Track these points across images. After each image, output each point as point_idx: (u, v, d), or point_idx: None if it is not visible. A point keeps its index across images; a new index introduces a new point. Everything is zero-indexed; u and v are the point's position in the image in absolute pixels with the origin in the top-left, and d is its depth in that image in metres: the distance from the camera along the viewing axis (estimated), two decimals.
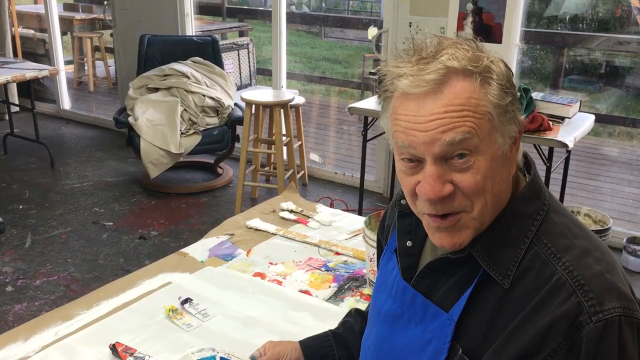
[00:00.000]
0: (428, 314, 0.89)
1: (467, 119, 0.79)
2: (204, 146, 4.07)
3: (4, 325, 2.66)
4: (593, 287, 0.76)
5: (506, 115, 0.82)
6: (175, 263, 1.67)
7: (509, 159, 0.84)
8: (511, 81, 0.84)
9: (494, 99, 0.80)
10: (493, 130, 0.81)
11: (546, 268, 0.79)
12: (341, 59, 9.60)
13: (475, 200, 0.82)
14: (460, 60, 0.80)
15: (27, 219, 3.73)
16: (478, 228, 0.84)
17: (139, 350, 1.28)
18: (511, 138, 0.83)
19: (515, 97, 0.84)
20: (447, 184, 0.81)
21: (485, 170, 0.81)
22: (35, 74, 4.44)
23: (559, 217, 0.85)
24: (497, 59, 0.84)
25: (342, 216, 2.00)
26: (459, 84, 0.80)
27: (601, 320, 0.74)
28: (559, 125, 3.00)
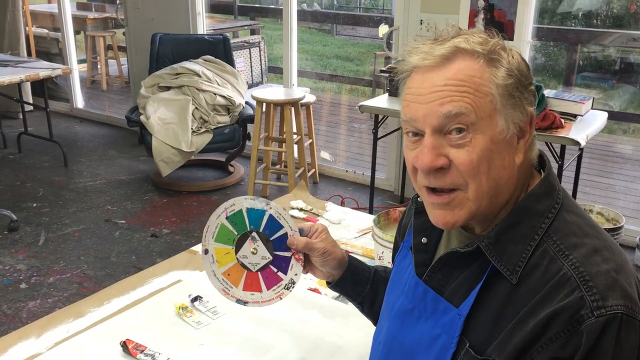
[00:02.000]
0: (438, 309, 0.90)
1: (466, 95, 0.81)
2: (215, 144, 4.09)
3: (17, 322, 2.69)
4: (597, 283, 0.76)
5: (510, 99, 0.82)
6: (186, 261, 1.68)
7: (514, 147, 0.85)
8: (523, 72, 0.85)
9: (498, 81, 0.82)
10: (494, 112, 0.82)
11: (553, 264, 0.80)
12: (353, 57, 9.59)
13: (469, 179, 0.83)
14: (471, 43, 0.83)
15: (40, 217, 3.77)
16: (473, 212, 0.85)
17: (149, 347, 1.29)
18: (515, 125, 0.83)
19: (524, 86, 0.84)
20: (442, 157, 0.83)
21: (482, 151, 0.81)
22: (48, 73, 4.48)
23: (571, 216, 0.85)
24: (513, 50, 0.86)
25: (352, 214, 2.00)
26: (464, 62, 0.82)
27: (603, 316, 0.74)
28: (571, 122, 2.97)
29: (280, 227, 1.09)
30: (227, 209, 1.07)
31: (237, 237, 1.07)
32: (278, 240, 1.08)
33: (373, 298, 1.16)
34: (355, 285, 1.15)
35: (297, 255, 1.09)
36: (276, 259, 1.08)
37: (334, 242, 1.14)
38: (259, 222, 1.08)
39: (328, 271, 1.13)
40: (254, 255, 1.07)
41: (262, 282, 1.06)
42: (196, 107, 4.11)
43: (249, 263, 1.06)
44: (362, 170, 4.48)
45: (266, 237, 1.08)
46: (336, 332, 1.36)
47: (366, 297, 1.16)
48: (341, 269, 1.14)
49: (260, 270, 1.07)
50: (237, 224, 1.07)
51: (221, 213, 1.07)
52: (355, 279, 1.15)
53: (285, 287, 1.07)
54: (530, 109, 0.85)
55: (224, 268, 1.06)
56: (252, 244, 1.07)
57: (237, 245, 1.06)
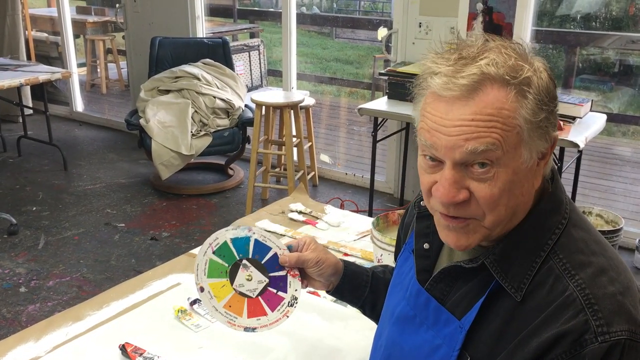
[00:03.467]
0: (440, 319, 0.89)
1: (494, 130, 0.77)
2: (214, 147, 4.09)
3: (17, 325, 2.69)
4: (603, 307, 0.76)
5: (537, 131, 0.79)
6: (185, 264, 1.68)
7: (534, 173, 0.83)
8: (552, 94, 0.81)
9: (527, 114, 0.78)
10: (520, 144, 0.79)
11: (559, 283, 0.79)
12: (352, 60, 9.61)
13: (488, 211, 0.81)
14: (499, 68, 0.78)
15: (40, 221, 3.77)
16: (487, 235, 0.84)
17: (148, 350, 1.29)
18: (539, 153, 0.81)
19: (552, 113, 0.81)
20: (463, 190, 0.80)
21: (504, 184, 0.79)
22: (48, 77, 4.48)
23: (578, 231, 0.84)
24: (541, 69, 0.81)
25: (351, 217, 2.00)
26: (492, 92, 0.77)
27: (607, 342, 0.74)
28: (570, 125, 2.98)
29: (269, 248, 1.08)
30: (212, 244, 1.07)
31: (229, 268, 1.06)
32: (270, 262, 1.08)
33: (374, 300, 1.15)
34: (355, 290, 1.15)
35: (292, 272, 1.09)
36: (273, 280, 1.08)
37: (325, 249, 1.14)
38: (246, 249, 1.07)
39: (325, 280, 1.12)
40: (250, 282, 1.07)
41: (264, 305, 1.06)
42: (196, 110, 4.12)
43: (247, 290, 1.06)
44: (362, 172, 4.48)
45: (257, 261, 1.07)
46: (335, 335, 1.36)
47: (367, 300, 1.15)
48: (338, 276, 1.13)
49: (260, 294, 1.06)
50: (226, 256, 1.07)
51: (207, 249, 1.07)
52: (353, 284, 1.14)
53: (289, 305, 1.07)
54: (555, 134, 0.83)
55: (224, 301, 1.05)
56: (245, 271, 1.06)
57: (231, 276, 1.06)
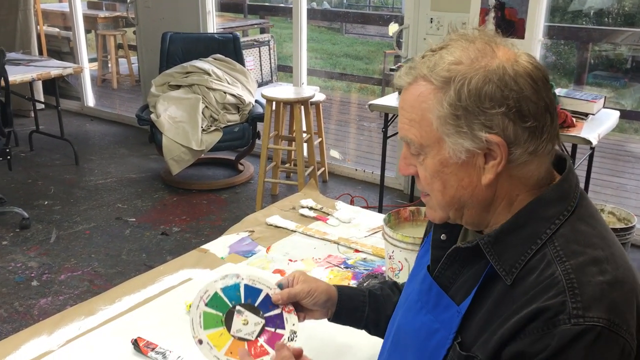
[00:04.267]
0: (440, 304, 0.91)
1: (413, 124, 0.86)
2: (225, 143, 4.10)
3: (29, 319, 2.71)
4: (584, 292, 0.76)
5: (452, 127, 0.83)
6: (196, 259, 1.68)
7: (479, 168, 0.84)
8: (482, 98, 0.80)
9: (442, 112, 0.83)
10: (441, 139, 0.84)
11: (548, 268, 0.79)
12: (362, 55, 9.58)
13: (428, 192, 0.91)
14: (432, 67, 0.84)
15: (52, 215, 3.79)
16: (445, 217, 0.91)
17: (160, 345, 1.30)
18: (468, 151, 0.83)
19: (477, 112, 0.80)
20: (411, 166, 0.91)
21: (432, 172, 0.87)
22: (59, 72, 4.51)
23: (581, 225, 0.84)
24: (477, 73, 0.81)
25: (362, 213, 2.00)
26: (419, 88, 0.85)
27: (579, 325, 0.74)
28: (582, 121, 2.96)
29: (259, 290, 1.10)
30: (203, 297, 1.09)
31: (224, 316, 1.08)
32: (263, 303, 1.10)
33: (377, 319, 1.16)
34: (353, 312, 1.15)
35: (286, 308, 1.11)
36: (269, 320, 1.09)
37: (315, 279, 1.15)
38: (237, 295, 1.09)
39: (322, 307, 1.13)
40: (246, 326, 1.08)
41: (265, 345, 1.07)
42: (206, 105, 4.12)
43: (246, 334, 1.07)
44: (372, 168, 4.47)
45: (251, 305, 1.09)
46: (346, 331, 1.36)
47: (369, 319, 1.16)
48: (333, 302, 1.13)
49: (259, 335, 1.08)
50: (219, 306, 1.09)
51: (199, 303, 1.08)
52: (350, 307, 1.15)
53: (289, 340, 1.08)
54: (489, 135, 0.81)
55: (225, 348, 1.07)
56: (240, 316, 1.08)
57: (227, 323, 1.08)
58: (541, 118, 0.82)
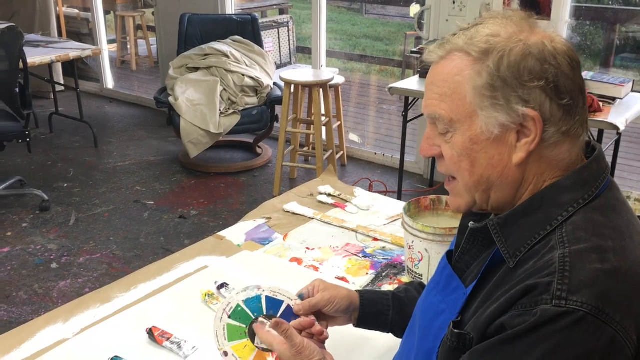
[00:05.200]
0: (450, 285, 0.91)
1: (444, 98, 0.84)
2: (243, 126, 4.07)
3: (48, 301, 2.73)
4: (574, 276, 0.73)
5: (488, 100, 0.81)
6: (212, 246, 1.66)
7: (511, 146, 0.82)
8: (520, 69, 0.79)
9: (479, 84, 0.81)
10: (474, 114, 0.82)
11: (549, 253, 0.78)
12: (382, 37, 9.46)
13: (455, 173, 0.87)
14: (470, 40, 0.83)
15: (71, 197, 3.81)
16: (471, 202, 0.88)
17: (175, 335, 1.28)
18: (502, 126, 0.81)
19: (515, 85, 0.79)
20: (435, 146, 0.88)
21: (461, 149, 0.84)
22: (78, 54, 4.50)
23: (597, 215, 0.80)
24: (517, 46, 0.80)
25: (381, 201, 1.96)
26: (454, 61, 0.84)
27: (560, 307, 0.71)
28: (609, 106, 2.87)
29: (281, 302, 1.12)
30: (226, 309, 1.10)
31: (247, 328, 1.09)
32: (285, 314, 1.11)
33: (402, 322, 1.13)
34: (378, 316, 1.14)
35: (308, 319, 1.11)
36: None
37: (335, 285, 1.14)
38: (259, 307, 1.11)
39: (344, 314, 1.13)
40: None
41: None
42: (224, 88, 4.09)
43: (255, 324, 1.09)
44: (391, 152, 4.42)
45: (273, 316, 1.10)
46: None
47: (394, 323, 1.15)
48: (355, 306, 1.13)
49: None
50: (241, 318, 1.10)
51: (222, 315, 1.10)
52: (374, 311, 1.14)
53: None
54: (526, 109, 0.80)
55: (250, 359, 1.08)
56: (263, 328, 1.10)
57: (250, 335, 1.09)
58: (576, 98, 0.82)
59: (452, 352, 0.84)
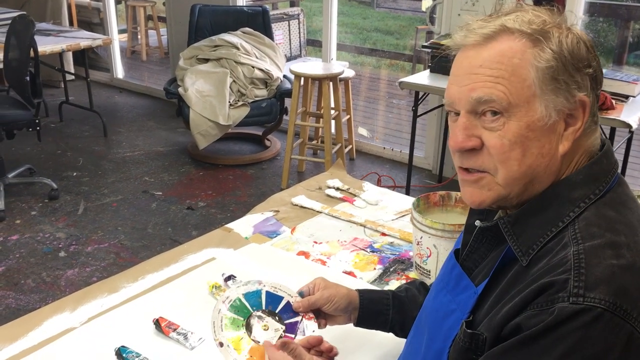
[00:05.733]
0: (460, 285, 0.90)
1: (500, 80, 0.79)
2: (252, 118, 4.06)
3: (56, 289, 2.74)
4: (590, 273, 0.72)
5: (551, 84, 0.78)
6: (220, 238, 1.66)
7: (559, 135, 0.81)
8: (576, 54, 0.80)
9: (541, 66, 0.78)
10: (533, 97, 0.79)
11: (563, 250, 0.77)
12: (393, 30, 9.42)
13: (499, 164, 0.81)
14: (521, 21, 0.80)
15: (80, 186, 3.82)
16: (503, 196, 0.83)
17: (182, 326, 1.28)
18: (559, 112, 0.79)
19: (574, 70, 0.79)
20: (474, 137, 0.82)
21: (515, 137, 0.79)
22: (89, 43, 4.51)
23: (608, 210, 0.80)
24: (572, 29, 0.82)
25: (390, 196, 1.95)
26: (507, 42, 0.79)
27: (577, 304, 0.70)
28: (622, 104, 2.84)
29: (280, 298, 1.12)
30: (225, 301, 1.11)
31: (245, 321, 1.10)
32: (284, 310, 1.12)
33: (402, 322, 1.14)
34: (377, 316, 1.14)
35: (307, 316, 1.12)
36: (289, 327, 1.11)
37: (335, 284, 1.14)
38: (259, 302, 1.12)
39: (344, 312, 1.13)
40: (267, 331, 1.10)
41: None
42: (234, 80, 4.08)
43: (265, 339, 1.09)
44: (400, 147, 4.40)
45: (272, 311, 1.12)
46: None
47: (394, 322, 1.15)
48: (355, 306, 1.13)
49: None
50: (240, 311, 1.11)
51: (221, 307, 1.10)
52: (373, 310, 1.14)
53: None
54: (581, 94, 0.80)
55: (245, 352, 1.08)
56: (261, 322, 1.10)
57: (248, 328, 1.10)
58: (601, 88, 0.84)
59: (465, 352, 0.83)
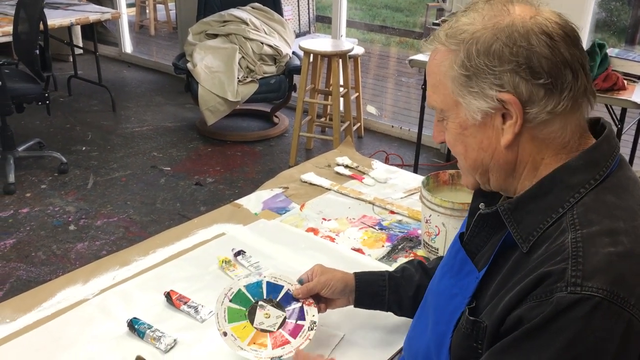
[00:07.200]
0: (463, 270, 0.92)
1: (434, 88, 0.88)
2: (260, 95, 4.05)
3: (66, 262, 2.78)
4: (588, 261, 0.73)
5: (464, 89, 0.83)
6: (230, 214, 1.67)
7: (497, 130, 0.83)
8: (493, 56, 0.80)
9: (454, 74, 0.83)
10: (457, 102, 0.85)
11: (561, 236, 0.77)
12: (403, 7, 9.32)
13: (456, 156, 0.91)
14: (446, 30, 0.85)
15: (89, 161, 3.84)
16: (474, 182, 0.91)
17: (192, 299, 1.30)
18: (483, 112, 0.82)
19: (487, 71, 0.80)
20: (442, 132, 0.91)
21: (454, 135, 0.88)
22: (98, 17, 4.49)
23: (608, 195, 0.80)
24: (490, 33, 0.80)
25: (398, 174, 1.95)
26: (438, 54, 0.86)
27: (576, 294, 0.71)
28: (634, 84, 2.82)
29: (281, 287, 1.20)
30: (227, 294, 1.17)
31: (247, 311, 1.16)
32: (284, 298, 1.19)
33: (398, 300, 1.19)
34: (374, 297, 1.19)
35: (306, 302, 1.19)
36: (290, 313, 1.17)
37: (331, 269, 1.21)
38: (260, 292, 1.19)
39: (340, 295, 1.19)
40: (268, 319, 1.15)
41: (287, 335, 1.14)
42: (243, 56, 4.07)
43: (268, 326, 1.14)
44: (409, 126, 4.39)
45: (272, 300, 1.18)
46: None
47: (390, 302, 1.19)
48: (351, 288, 1.19)
49: (280, 327, 1.15)
50: (242, 301, 1.17)
51: (223, 299, 1.16)
52: (370, 292, 1.19)
53: (309, 329, 1.15)
54: (502, 93, 0.80)
55: (248, 339, 1.13)
56: (263, 310, 1.16)
57: (250, 317, 1.15)
58: (558, 75, 0.79)
59: (467, 338, 0.85)
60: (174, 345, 1.18)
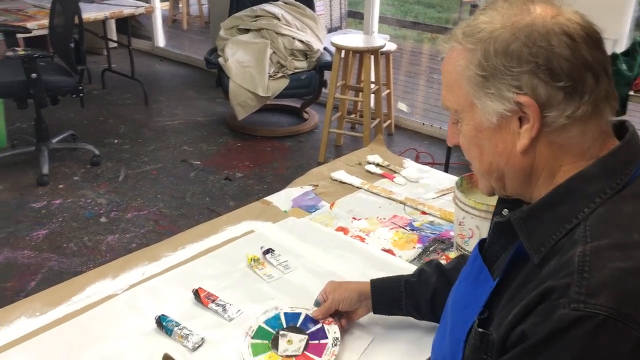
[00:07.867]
0: (479, 278, 0.90)
1: (450, 89, 0.85)
2: (291, 90, 4.04)
3: (97, 254, 2.81)
4: (593, 277, 0.69)
5: (481, 90, 0.80)
6: (259, 211, 1.66)
7: (514, 133, 0.80)
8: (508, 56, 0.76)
9: (469, 73, 0.80)
10: (473, 103, 0.82)
11: (571, 248, 0.73)
12: (435, 3, 9.20)
13: (470, 160, 0.88)
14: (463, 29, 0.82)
15: (121, 154, 3.88)
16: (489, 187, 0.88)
17: (220, 297, 1.29)
18: (499, 115, 0.79)
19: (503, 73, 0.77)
20: (457, 135, 0.88)
21: (468, 138, 0.85)
22: (132, 11, 4.53)
23: (626, 205, 0.75)
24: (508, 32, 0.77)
25: (430, 173, 1.92)
26: (454, 53, 0.83)
27: (578, 310, 0.67)
28: None
29: (299, 314, 1.23)
30: (248, 332, 1.19)
31: (270, 343, 1.17)
32: (304, 323, 1.21)
33: (415, 306, 1.18)
34: (392, 303, 1.19)
35: (326, 321, 1.20)
36: (312, 335, 1.18)
37: (344, 283, 1.24)
38: (279, 323, 1.21)
39: (358, 305, 1.20)
40: (291, 345, 1.16)
41: (312, 356, 1.14)
42: (274, 51, 4.06)
43: (293, 352, 1.15)
44: (440, 124, 4.33)
45: (293, 326, 1.20)
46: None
47: (408, 307, 1.19)
48: (367, 295, 1.19)
49: (305, 349, 1.15)
50: (264, 336, 1.18)
51: (245, 338, 1.17)
52: (386, 299, 1.20)
53: (333, 346, 1.16)
54: (520, 95, 0.76)
55: None
56: (285, 338, 1.17)
57: (274, 347, 1.16)
58: (579, 78, 0.76)
59: (477, 350, 0.82)
60: (201, 344, 1.17)
